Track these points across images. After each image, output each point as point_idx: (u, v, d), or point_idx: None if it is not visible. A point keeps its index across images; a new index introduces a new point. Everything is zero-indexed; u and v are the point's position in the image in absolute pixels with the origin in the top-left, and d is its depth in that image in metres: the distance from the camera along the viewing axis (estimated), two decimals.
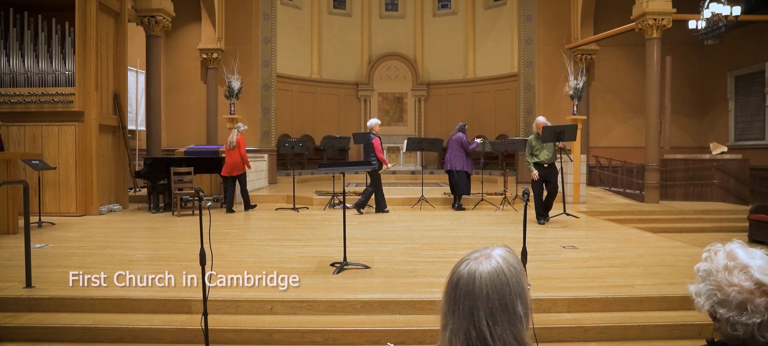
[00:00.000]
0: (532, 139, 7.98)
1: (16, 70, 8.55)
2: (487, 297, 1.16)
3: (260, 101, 13.82)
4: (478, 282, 1.18)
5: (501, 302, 1.16)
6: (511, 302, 1.17)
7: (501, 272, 1.18)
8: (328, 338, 3.72)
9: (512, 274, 1.19)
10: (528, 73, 14.18)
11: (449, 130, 16.72)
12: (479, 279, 1.18)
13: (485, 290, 1.17)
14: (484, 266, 1.19)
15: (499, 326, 1.15)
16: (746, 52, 12.64)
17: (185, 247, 6.02)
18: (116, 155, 9.55)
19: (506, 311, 1.17)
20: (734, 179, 10.84)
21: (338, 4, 17.21)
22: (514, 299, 1.18)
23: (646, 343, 3.80)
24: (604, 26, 12.83)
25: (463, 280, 1.19)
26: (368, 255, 5.54)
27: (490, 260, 1.20)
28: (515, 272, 1.20)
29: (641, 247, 6.17)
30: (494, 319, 1.16)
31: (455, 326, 1.19)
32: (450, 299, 1.21)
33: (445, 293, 1.23)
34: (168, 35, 13.15)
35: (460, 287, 1.19)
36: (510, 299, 1.17)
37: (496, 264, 1.19)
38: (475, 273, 1.19)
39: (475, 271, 1.19)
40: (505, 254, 1.23)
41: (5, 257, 5.49)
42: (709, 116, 14.04)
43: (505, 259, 1.21)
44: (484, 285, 1.17)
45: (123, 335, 3.75)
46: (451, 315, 1.20)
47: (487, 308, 1.16)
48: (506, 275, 1.18)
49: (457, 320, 1.18)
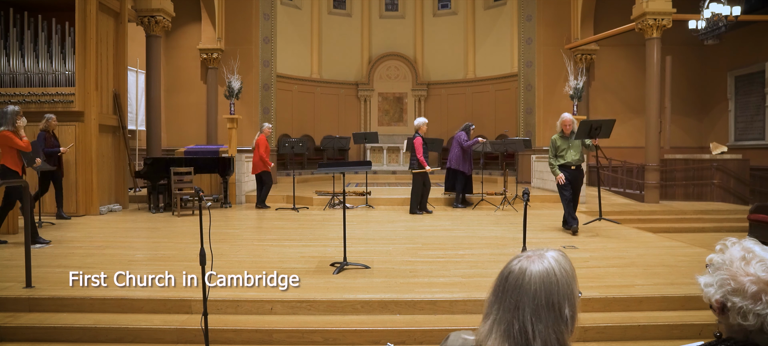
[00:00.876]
0: (557, 139, 7.05)
1: (16, 70, 8.55)
2: (535, 294, 1.19)
3: (260, 101, 13.82)
4: (527, 279, 1.20)
5: (548, 300, 1.19)
6: (558, 303, 1.19)
7: (552, 272, 1.21)
8: (328, 338, 3.72)
9: (563, 276, 1.21)
10: (528, 73, 14.18)
11: (449, 131, 16.75)
12: (529, 276, 1.21)
13: (533, 287, 1.20)
14: (536, 264, 1.22)
15: (542, 323, 1.18)
16: (746, 52, 12.64)
17: (185, 247, 6.02)
18: (116, 155, 9.55)
19: (552, 310, 1.19)
20: (734, 179, 10.84)
21: (338, 4, 17.21)
22: (562, 301, 1.20)
23: (646, 343, 3.80)
24: (604, 26, 12.82)
25: (513, 275, 1.23)
26: (368, 255, 5.54)
27: (543, 260, 1.23)
28: (567, 275, 1.22)
29: (641, 247, 6.17)
30: (538, 316, 1.18)
31: (499, 317, 1.22)
32: (498, 291, 1.24)
33: (493, 285, 1.26)
34: (168, 35, 13.15)
35: (510, 281, 1.23)
36: (557, 299, 1.19)
37: (548, 265, 1.22)
38: (525, 270, 1.22)
39: (526, 268, 1.22)
40: (558, 256, 1.25)
41: (5, 257, 5.50)
42: (709, 116, 14.04)
43: (558, 261, 1.24)
44: (533, 282, 1.20)
45: (123, 335, 3.75)
46: (497, 306, 1.23)
47: (532, 305, 1.19)
48: (557, 276, 1.21)
49: (502, 312, 1.21)
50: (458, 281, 4.59)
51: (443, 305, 4.05)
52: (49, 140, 7.88)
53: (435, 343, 3.74)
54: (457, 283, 4.53)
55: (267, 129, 9.87)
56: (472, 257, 5.59)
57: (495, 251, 5.88)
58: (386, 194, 10.82)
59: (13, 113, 6.14)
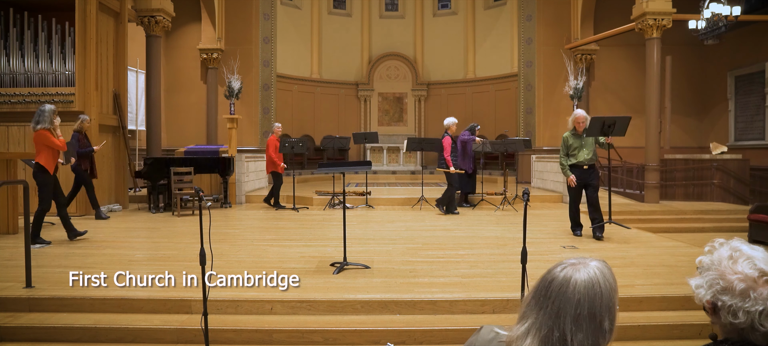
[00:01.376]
0: (569, 137, 6.68)
1: (16, 70, 8.55)
2: (578, 303, 1.19)
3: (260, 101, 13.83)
4: (571, 287, 1.20)
5: (590, 311, 1.19)
6: (600, 315, 1.19)
7: (597, 282, 1.20)
8: (328, 338, 3.72)
9: (606, 289, 1.21)
10: (528, 73, 14.19)
11: None
12: (573, 284, 1.20)
13: (577, 296, 1.19)
14: (581, 273, 1.22)
15: (582, 333, 1.18)
16: (746, 52, 12.64)
17: (185, 247, 6.02)
18: (116, 155, 9.55)
19: (593, 321, 1.19)
20: (734, 179, 10.83)
21: (338, 4, 17.21)
22: (604, 313, 1.19)
23: (646, 343, 3.80)
24: (604, 26, 12.83)
25: (557, 281, 1.22)
26: (368, 255, 5.53)
27: (588, 269, 1.22)
28: (610, 287, 1.22)
29: (641, 247, 6.17)
30: (579, 326, 1.18)
31: (538, 322, 1.21)
32: (539, 295, 1.24)
33: (534, 288, 1.26)
34: (168, 35, 13.15)
35: (553, 286, 1.22)
36: (599, 311, 1.19)
37: (594, 274, 1.21)
38: (570, 278, 1.21)
39: (572, 276, 1.21)
40: (602, 267, 1.24)
41: (5, 257, 5.49)
42: (709, 116, 14.04)
43: (603, 273, 1.23)
44: (577, 291, 1.19)
45: (123, 335, 3.75)
46: (537, 310, 1.22)
47: (574, 314, 1.18)
48: (601, 288, 1.20)
49: (542, 317, 1.21)
50: (458, 281, 4.58)
51: (443, 305, 4.04)
52: (82, 141, 8.00)
53: (435, 343, 3.74)
54: (457, 283, 4.53)
55: (277, 129, 9.87)
56: (472, 257, 5.59)
57: (495, 251, 5.88)
58: (386, 194, 10.82)
59: (51, 112, 6.28)
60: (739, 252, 1.30)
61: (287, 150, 9.68)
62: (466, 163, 9.69)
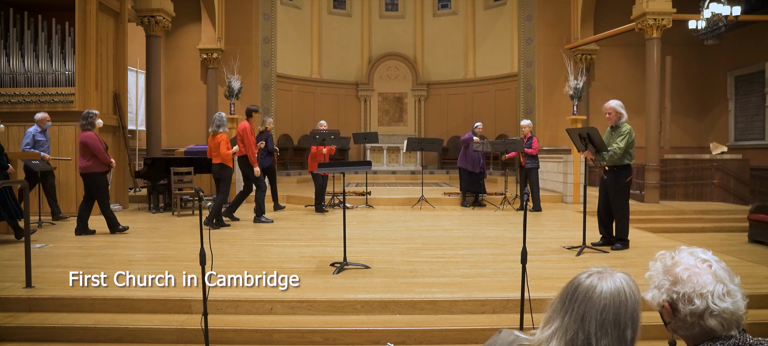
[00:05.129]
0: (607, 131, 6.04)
1: (16, 70, 8.54)
2: (603, 308, 1.22)
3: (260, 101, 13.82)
4: (597, 293, 1.23)
5: (615, 318, 1.22)
6: (624, 324, 1.22)
7: (622, 291, 1.24)
8: (328, 338, 3.72)
9: (632, 299, 1.25)
10: (528, 73, 14.18)
11: (449, 130, 16.77)
12: (599, 291, 1.24)
13: (603, 302, 1.22)
14: (608, 282, 1.25)
15: (606, 339, 1.20)
16: (746, 52, 12.64)
17: (185, 247, 6.02)
18: (116, 155, 9.52)
19: (617, 328, 1.22)
20: (734, 179, 10.83)
21: (338, 4, 17.21)
22: (627, 322, 1.22)
23: (645, 343, 3.79)
24: (604, 26, 12.83)
25: (583, 286, 1.26)
26: (368, 255, 5.54)
27: (614, 279, 1.26)
28: (635, 298, 1.25)
29: (641, 247, 6.17)
30: (604, 331, 1.21)
31: (564, 325, 1.24)
32: (565, 299, 1.27)
33: (560, 293, 1.30)
34: (168, 35, 13.15)
35: (579, 291, 1.26)
36: (624, 319, 1.22)
37: (620, 284, 1.25)
38: (597, 286, 1.25)
39: (597, 284, 1.25)
40: (628, 279, 1.28)
41: (5, 257, 5.49)
42: (709, 116, 14.04)
43: (629, 284, 1.27)
44: (603, 297, 1.23)
45: (123, 335, 3.75)
46: (563, 314, 1.26)
47: (599, 319, 1.21)
48: (626, 297, 1.24)
49: (568, 321, 1.24)
50: (458, 281, 4.58)
51: (443, 305, 4.04)
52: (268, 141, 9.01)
53: (435, 343, 3.74)
54: (457, 283, 4.53)
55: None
56: (472, 257, 5.59)
57: (495, 251, 5.88)
58: (386, 194, 10.82)
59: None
60: (678, 252, 1.39)
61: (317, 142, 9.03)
62: (467, 162, 9.71)
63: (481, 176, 9.85)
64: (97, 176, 6.87)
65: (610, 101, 6.04)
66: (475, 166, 9.70)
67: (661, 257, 1.42)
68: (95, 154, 6.80)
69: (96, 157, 6.82)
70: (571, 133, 6.15)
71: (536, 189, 9.40)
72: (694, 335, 1.33)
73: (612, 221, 6.10)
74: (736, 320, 1.30)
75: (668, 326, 1.39)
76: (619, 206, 5.96)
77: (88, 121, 6.87)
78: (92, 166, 6.84)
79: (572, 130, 6.10)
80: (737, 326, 1.30)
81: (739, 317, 1.30)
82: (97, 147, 6.80)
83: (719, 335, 1.29)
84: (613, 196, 5.95)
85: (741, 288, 1.33)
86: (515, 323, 3.71)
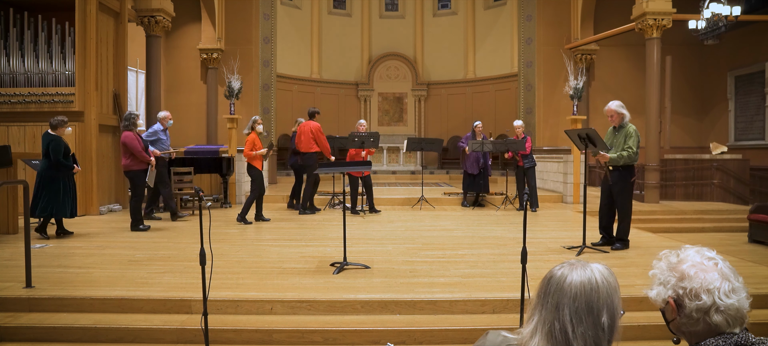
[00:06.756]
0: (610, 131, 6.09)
1: (16, 70, 8.55)
2: (575, 297, 1.24)
3: (260, 101, 13.81)
4: (568, 283, 1.26)
5: (588, 305, 1.24)
6: (597, 309, 1.24)
7: (593, 279, 1.26)
8: (328, 338, 3.72)
9: (604, 286, 1.26)
10: (528, 73, 14.18)
11: (449, 130, 16.77)
12: (570, 281, 1.26)
13: (574, 290, 1.25)
14: (578, 271, 1.28)
15: (582, 326, 1.23)
16: (746, 52, 12.64)
17: (185, 247, 6.02)
18: (116, 155, 9.54)
19: (591, 314, 1.23)
20: (734, 179, 10.83)
21: (338, 4, 17.21)
22: (601, 308, 1.24)
23: (646, 343, 3.80)
24: (604, 26, 12.83)
25: (555, 278, 1.29)
26: (368, 255, 5.54)
27: (585, 269, 1.28)
28: (608, 286, 1.27)
29: (641, 247, 6.17)
30: (579, 318, 1.23)
31: (542, 318, 1.27)
32: (541, 293, 1.30)
33: (538, 288, 1.33)
34: (168, 35, 13.15)
35: (551, 284, 1.29)
36: (597, 305, 1.24)
37: (591, 273, 1.28)
38: (567, 276, 1.27)
39: (568, 274, 1.28)
40: (601, 268, 1.30)
41: (5, 257, 5.50)
42: (709, 116, 14.04)
43: (602, 273, 1.29)
44: (573, 286, 1.25)
45: (123, 335, 3.75)
46: (540, 307, 1.29)
47: (572, 307, 1.24)
48: (597, 285, 1.26)
49: (545, 314, 1.27)
50: (458, 281, 4.58)
51: (443, 305, 4.04)
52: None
53: (435, 343, 3.74)
54: (457, 283, 4.53)
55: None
56: (472, 257, 5.59)
57: (495, 251, 5.87)
58: (386, 194, 10.82)
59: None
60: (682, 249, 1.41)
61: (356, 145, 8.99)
62: (467, 162, 9.71)
63: (483, 175, 9.83)
64: (137, 174, 7.30)
65: (610, 104, 6.03)
66: (474, 166, 9.70)
67: (665, 256, 1.42)
68: (133, 153, 7.19)
69: (134, 156, 7.22)
70: (570, 134, 6.15)
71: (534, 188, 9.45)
72: (698, 331, 1.33)
73: (613, 222, 6.11)
74: (741, 318, 1.31)
75: (671, 323, 1.39)
76: (624, 205, 5.96)
77: (130, 122, 7.30)
78: (132, 164, 7.29)
79: (571, 132, 6.11)
80: (741, 324, 1.31)
81: (743, 314, 1.31)
82: (135, 146, 7.18)
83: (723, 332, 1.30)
84: (618, 195, 5.94)
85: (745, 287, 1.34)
86: (515, 323, 3.71)
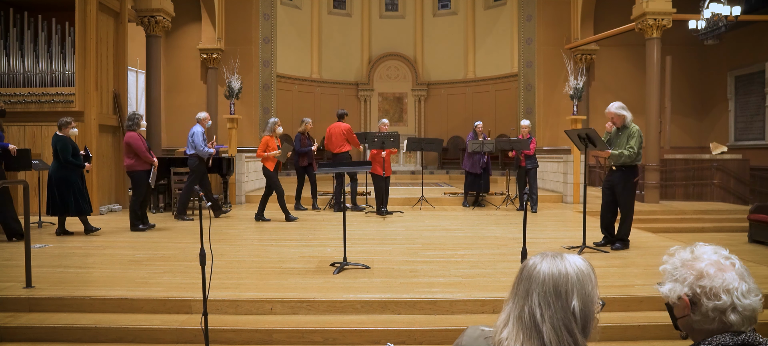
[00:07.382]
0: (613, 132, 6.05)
1: (16, 70, 8.55)
2: (543, 282, 1.27)
3: (260, 101, 13.82)
4: (538, 270, 1.29)
5: (555, 289, 1.26)
6: (566, 294, 1.25)
7: (563, 267, 1.28)
8: (328, 338, 3.72)
9: (574, 272, 1.28)
10: (528, 73, 14.18)
11: (449, 130, 16.77)
12: (540, 268, 1.29)
13: (542, 276, 1.28)
14: (549, 260, 1.30)
15: (550, 310, 1.25)
16: (746, 52, 12.64)
17: (185, 247, 6.02)
18: (116, 155, 9.55)
19: (559, 299, 1.25)
20: (734, 179, 10.83)
21: (338, 4, 17.21)
22: (570, 292, 1.25)
23: (646, 343, 3.80)
24: (604, 26, 12.82)
25: (528, 266, 1.32)
26: (368, 255, 5.54)
27: (557, 259, 1.31)
28: (580, 273, 1.28)
29: (641, 247, 6.17)
30: (547, 302, 1.25)
31: (514, 305, 1.31)
32: (515, 282, 1.34)
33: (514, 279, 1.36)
34: (168, 35, 13.15)
35: (524, 272, 1.32)
36: (565, 289, 1.25)
37: (562, 262, 1.29)
38: (538, 264, 1.30)
39: (539, 263, 1.31)
40: (578, 260, 1.31)
41: (5, 257, 5.50)
42: (709, 116, 14.04)
43: (575, 262, 1.30)
44: (542, 272, 1.28)
45: (123, 335, 3.75)
46: (513, 296, 1.32)
47: (540, 291, 1.26)
48: (567, 270, 1.28)
49: (517, 300, 1.30)
50: (458, 281, 4.58)
51: (443, 305, 4.04)
52: (303, 140, 9.42)
53: (435, 343, 3.74)
54: (457, 283, 4.53)
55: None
56: (472, 257, 5.59)
57: (495, 251, 5.87)
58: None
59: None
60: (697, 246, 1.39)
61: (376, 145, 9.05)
62: (467, 162, 9.72)
63: (484, 175, 9.83)
64: (140, 174, 7.27)
65: (610, 105, 6.02)
66: (475, 166, 9.70)
67: (677, 251, 1.41)
68: (137, 153, 7.17)
69: (138, 156, 7.20)
70: (570, 134, 6.16)
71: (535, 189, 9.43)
72: (712, 329, 1.33)
73: (615, 221, 6.13)
74: (755, 319, 1.32)
75: (679, 320, 1.39)
76: (626, 204, 5.97)
77: (134, 122, 7.28)
78: (135, 164, 7.25)
79: (571, 132, 6.12)
80: (752, 324, 1.32)
81: (756, 315, 1.32)
82: (138, 146, 7.16)
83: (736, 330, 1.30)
84: (621, 194, 5.94)
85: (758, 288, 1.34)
86: None
